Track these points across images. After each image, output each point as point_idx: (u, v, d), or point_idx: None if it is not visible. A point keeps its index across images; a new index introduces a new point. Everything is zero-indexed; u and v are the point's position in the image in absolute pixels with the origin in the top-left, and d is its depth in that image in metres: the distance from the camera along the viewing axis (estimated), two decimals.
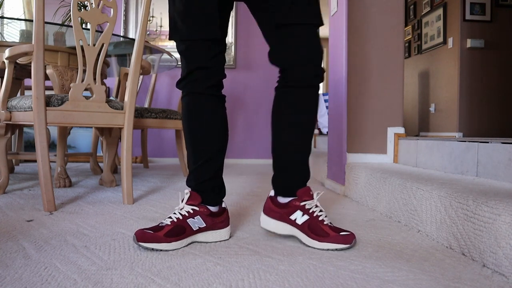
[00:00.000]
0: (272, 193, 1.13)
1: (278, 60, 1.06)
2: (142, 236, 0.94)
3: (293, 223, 1.04)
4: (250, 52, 3.69)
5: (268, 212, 1.09)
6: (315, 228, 1.01)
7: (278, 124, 1.09)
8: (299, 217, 1.03)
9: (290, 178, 1.08)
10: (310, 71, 1.03)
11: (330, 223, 1.05)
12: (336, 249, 0.98)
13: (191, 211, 1.03)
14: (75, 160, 3.39)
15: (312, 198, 1.06)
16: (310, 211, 1.04)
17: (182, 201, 1.06)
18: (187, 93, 1.09)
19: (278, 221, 1.06)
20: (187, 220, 1.01)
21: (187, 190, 1.06)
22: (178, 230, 0.98)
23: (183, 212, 1.02)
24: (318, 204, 1.06)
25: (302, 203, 1.04)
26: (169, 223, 0.99)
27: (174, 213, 1.03)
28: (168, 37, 1.13)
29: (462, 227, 0.96)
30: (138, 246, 0.98)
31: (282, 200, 1.09)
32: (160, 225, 1.00)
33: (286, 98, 1.07)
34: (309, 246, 1.01)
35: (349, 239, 0.98)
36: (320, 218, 1.03)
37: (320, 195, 1.09)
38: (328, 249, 0.98)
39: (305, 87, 1.05)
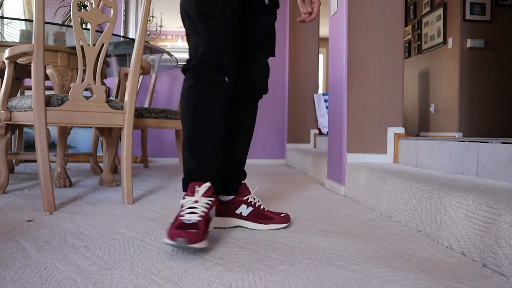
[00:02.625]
0: None
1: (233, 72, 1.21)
2: (191, 237, 0.87)
3: (238, 216, 1.20)
4: None
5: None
6: (260, 215, 1.19)
7: (226, 132, 1.23)
8: (244, 210, 1.20)
9: (234, 178, 1.24)
10: (254, 91, 1.25)
11: (268, 209, 1.24)
12: (280, 228, 1.18)
13: (210, 203, 1.02)
14: (75, 160, 3.39)
15: (250, 193, 1.23)
16: (253, 203, 1.21)
17: (195, 194, 1.01)
18: (190, 77, 1.08)
19: (224, 217, 1.19)
20: (209, 212, 1.02)
21: (208, 184, 1.04)
22: (207, 225, 0.98)
23: (204, 205, 1.00)
24: (255, 196, 1.25)
25: (245, 198, 1.21)
26: (200, 218, 0.95)
27: (195, 207, 0.99)
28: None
29: (462, 227, 0.96)
30: (164, 245, 0.98)
31: (225, 198, 1.22)
32: (187, 222, 0.94)
33: (231, 109, 1.24)
34: (256, 230, 1.17)
35: (287, 219, 1.21)
36: (262, 207, 1.22)
37: (255, 190, 1.28)
38: (273, 229, 1.17)
39: (247, 101, 1.26)
